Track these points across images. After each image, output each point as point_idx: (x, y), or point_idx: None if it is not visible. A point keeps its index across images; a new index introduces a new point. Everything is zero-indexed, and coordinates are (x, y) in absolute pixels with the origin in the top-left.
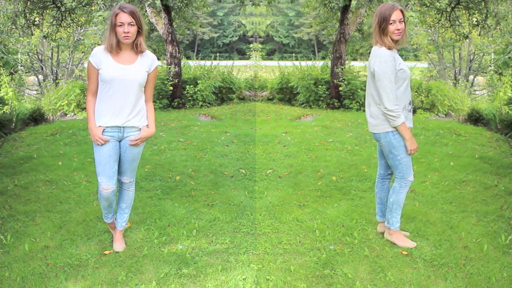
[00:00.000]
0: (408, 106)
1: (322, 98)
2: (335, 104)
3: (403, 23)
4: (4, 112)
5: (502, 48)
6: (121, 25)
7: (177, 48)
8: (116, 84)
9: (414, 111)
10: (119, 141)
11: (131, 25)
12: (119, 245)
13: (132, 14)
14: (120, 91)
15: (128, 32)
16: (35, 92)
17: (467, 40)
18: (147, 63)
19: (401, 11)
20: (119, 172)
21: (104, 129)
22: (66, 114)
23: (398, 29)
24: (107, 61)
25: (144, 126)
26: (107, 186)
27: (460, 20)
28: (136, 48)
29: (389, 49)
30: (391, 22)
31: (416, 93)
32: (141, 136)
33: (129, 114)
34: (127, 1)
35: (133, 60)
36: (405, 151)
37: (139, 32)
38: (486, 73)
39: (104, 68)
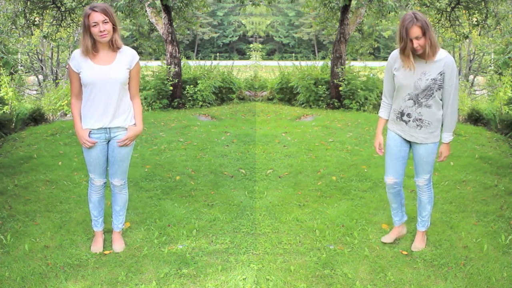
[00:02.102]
0: (397, 113)
1: (322, 98)
2: (335, 104)
3: (421, 39)
4: (4, 112)
5: (502, 48)
6: (95, 25)
7: (177, 48)
8: (97, 86)
9: None
10: (107, 142)
11: (105, 22)
12: (118, 246)
13: (105, 11)
14: (102, 92)
15: (104, 31)
16: (35, 92)
17: (467, 40)
18: (127, 60)
19: (419, 27)
20: (110, 174)
21: (90, 131)
22: (66, 114)
23: (415, 47)
24: (86, 64)
25: (131, 125)
26: (99, 180)
27: (460, 20)
28: (112, 46)
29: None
30: (409, 39)
31: None
32: (129, 136)
33: (113, 114)
34: (127, 0)
35: (112, 59)
36: (387, 150)
37: (114, 29)
38: (486, 73)
39: (84, 71)
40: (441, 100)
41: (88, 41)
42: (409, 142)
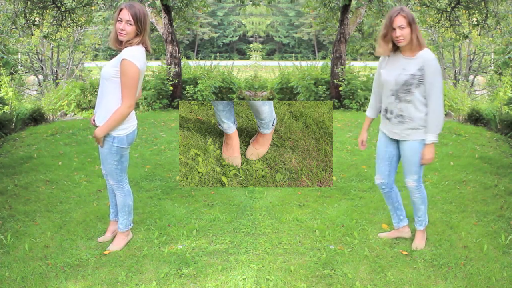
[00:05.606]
0: (383, 110)
1: (322, 98)
2: (335, 104)
3: (403, 29)
4: (4, 112)
5: (502, 48)
6: (120, 21)
7: (177, 48)
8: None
9: None
10: None
11: (129, 24)
12: (112, 244)
13: (133, 13)
14: (99, 88)
15: (123, 30)
16: (35, 92)
17: (467, 40)
18: (118, 58)
19: (404, 17)
20: None
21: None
22: (66, 114)
23: (397, 36)
24: None
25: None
26: (105, 174)
27: (460, 20)
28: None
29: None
30: (393, 28)
31: None
32: (93, 134)
33: (97, 109)
34: (127, 0)
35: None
36: (376, 150)
37: (137, 35)
38: (486, 73)
39: None
40: (424, 98)
41: (113, 32)
42: (397, 143)
